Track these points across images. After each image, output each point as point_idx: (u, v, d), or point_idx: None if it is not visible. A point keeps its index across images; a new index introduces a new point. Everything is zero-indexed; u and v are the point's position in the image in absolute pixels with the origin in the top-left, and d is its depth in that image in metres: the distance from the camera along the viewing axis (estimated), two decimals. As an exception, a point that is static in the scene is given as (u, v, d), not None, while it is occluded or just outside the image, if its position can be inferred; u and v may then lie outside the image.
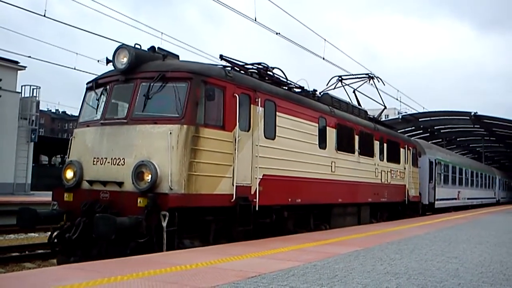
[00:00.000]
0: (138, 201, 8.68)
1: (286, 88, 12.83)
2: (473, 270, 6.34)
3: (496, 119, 36.63)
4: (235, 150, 9.83)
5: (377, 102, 19.66)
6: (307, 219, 13.07)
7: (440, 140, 45.65)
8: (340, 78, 18.79)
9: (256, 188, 10.37)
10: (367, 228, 13.34)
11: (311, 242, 9.41)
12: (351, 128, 15.18)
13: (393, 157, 18.58)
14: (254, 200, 10.33)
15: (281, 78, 12.87)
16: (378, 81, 18.78)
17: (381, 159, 17.39)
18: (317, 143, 13.04)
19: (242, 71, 11.36)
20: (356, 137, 15.43)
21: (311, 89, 14.53)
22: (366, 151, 16.13)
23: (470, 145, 55.37)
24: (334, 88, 18.86)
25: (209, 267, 6.19)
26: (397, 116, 45.07)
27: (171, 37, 25.94)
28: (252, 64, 12.22)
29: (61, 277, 5.34)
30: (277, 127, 11.32)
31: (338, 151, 14.12)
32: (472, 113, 35.41)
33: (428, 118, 39.56)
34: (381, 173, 17.23)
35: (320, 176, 13.02)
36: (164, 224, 8.48)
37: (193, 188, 8.96)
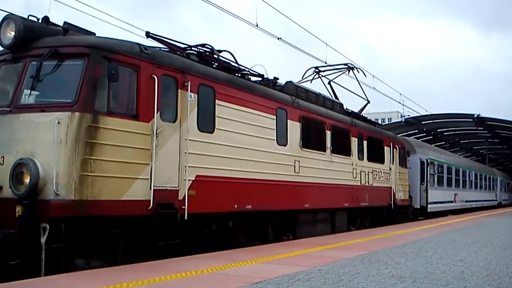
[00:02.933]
0: (16, 210, 6.70)
1: (239, 75, 10.81)
2: (479, 273, 6.11)
3: (499, 121, 35.21)
4: (154, 145, 7.78)
5: (359, 96, 17.56)
6: (264, 228, 10.98)
7: (444, 142, 44.15)
8: (317, 70, 16.75)
9: (186, 193, 8.33)
10: (372, 232, 12.74)
11: (316, 247, 9.05)
12: (321, 122, 12.98)
13: (376, 156, 16.12)
14: (183, 207, 8.22)
15: (231, 63, 10.85)
16: (358, 72, 16.71)
17: (361, 158, 15.02)
18: (275, 138, 10.89)
19: (179, 53, 9.36)
20: (328, 133, 13.23)
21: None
22: (341, 149, 13.89)
23: (474, 147, 53.37)
24: (312, 80, 16.78)
25: (214, 273, 6.01)
26: (400, 119, 44.32)
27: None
28: (195, 46, 10.23)
29: (66, 285, 5.22)
30: (217, 118, 9.19)
31: (304, 149, 11.94)
32: (475, 115, 34.01)
33: (431, 121, 37.99)
34: (361, 174, 14.96)
35: (279, 177, 10.85)
36: (43, 240, 6.41)
37: (89, 193, 6.86)
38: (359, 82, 17.11)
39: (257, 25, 14.43)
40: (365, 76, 17.06)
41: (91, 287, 5.06)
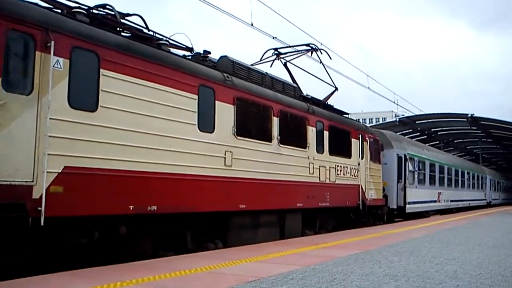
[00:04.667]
0: None
1: (156, 46, 8.68)
2: (472, 272, 6.08)
3: (493, 121, 34.89)
4: (-13, 123, 5.68)
5: (326, 83, 15.41)
6: (181, 235, 8.84)
7: (438, 142, 43.18)
8: (276, 52, 14.64)
9: (44, 190, 6.22)
10: (366, 231, 12.41)
11: (310, 245, 8.88)
12: (266, 106, 10.67)
13: (340, 150, 13.76)
14: (39, 208, 6.17)
15: (144, 30, 8.73)
16: (322, 53, 14.53)
17: (320, 151, 12.70)
18: (196, 123, 8.67)
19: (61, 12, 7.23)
20: (275, 120, 10.96)
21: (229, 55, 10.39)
22: (294, 139, 11.56)
23: (468, 147, 52.49)
24: (272, 64, 14.67)
25: (208, 272, 5.91)
26: (394, 119, 43.74)
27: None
28: (94, 7, 8.09)
29: (60, 285, 4.99)
30: (101, 93, 6.88)
31: (239, 137, 9.64)
32: (469, 115, 33.89)
33: (426, 121, 37.51)
34: (319, 169, 12.71)
35: (201, 171, 8.55)
36: None
37: None
38: (324, 66, 14.92)
39: (252, 24, 13.94)
40: (331, 58, 14.86)
41: (85, 285, 4.87)
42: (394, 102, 39.09)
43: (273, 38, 14.91)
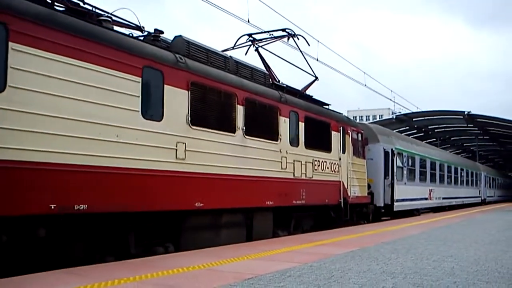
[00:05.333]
0: None
1: (96, 22, 7.59)
2: (468, 269, 6.04)
3: (489, 118, 34.91)
4: None
5: (305, 71, 14.35)
6: (123, 238, 7.76)
7: (435, 139, 43.03)
8: (251, 38, 13.56)
9: None
10: (363, 229, 12.39)
11: (307, 243, 8.88)
12: (228, 93, 9.49)
13: (318, 143, 12.64)
14: None
15: (82, 4, 7.64)
16: (298, 39, 13.46)
17: (294, 144, 11.53)
18: (139, 109, 7.51)
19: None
20: (239, 108, 9.82)
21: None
22: (262, 130, 10.36)
23: (464, 144, 52.24)
24: (247, 52, 13.57)
25: (206, 269, 5.89)
26: (391, 116, 43.95)
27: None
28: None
29: (55, 283, 4.94)
30: (11, 71, 5.62)
31: (194, 127, 8.46)
32: (466, 112, 33.97)
33: (422, 118, 37.39)
34: (294, 164, 11.55)
35: (145, 164, 7.29)
36: None
37: None
38: (302, 54, 13.86)
39: (248, 21, 13.67)
40: (309, 45, 13.80)
41: (81, 284, 4.78)
42: (391, 100, 38.56)
43: (270, 35, 14.28)
